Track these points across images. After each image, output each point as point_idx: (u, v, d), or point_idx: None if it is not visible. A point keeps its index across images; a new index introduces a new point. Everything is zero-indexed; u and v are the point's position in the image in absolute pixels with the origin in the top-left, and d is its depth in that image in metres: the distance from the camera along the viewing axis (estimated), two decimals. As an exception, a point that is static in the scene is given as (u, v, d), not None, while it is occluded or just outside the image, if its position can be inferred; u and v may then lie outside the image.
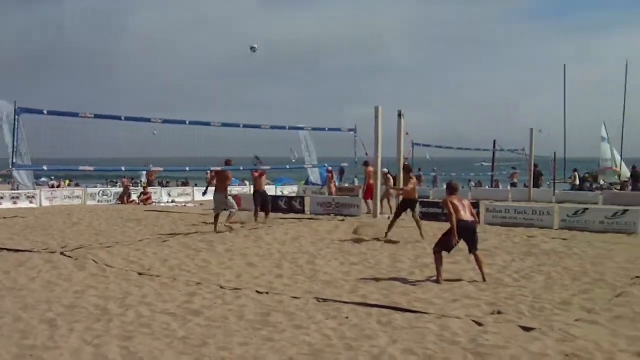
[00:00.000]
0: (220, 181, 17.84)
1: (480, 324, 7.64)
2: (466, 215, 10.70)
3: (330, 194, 28.41)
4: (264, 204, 19.66)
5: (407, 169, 17.59)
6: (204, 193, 19.61)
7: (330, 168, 29.09)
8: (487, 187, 39.81)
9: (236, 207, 18.02)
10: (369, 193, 22.61)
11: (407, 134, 23.33)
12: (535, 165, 34.36)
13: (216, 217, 17.57)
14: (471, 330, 7.43)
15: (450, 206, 10.63)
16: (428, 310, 8.34)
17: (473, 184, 43.77)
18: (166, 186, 40.37)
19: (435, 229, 17.03)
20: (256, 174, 19.75)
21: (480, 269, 10.68)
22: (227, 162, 18.08)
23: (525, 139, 34.54)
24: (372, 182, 22.81)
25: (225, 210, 17.74)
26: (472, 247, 10.71)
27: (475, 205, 20.16)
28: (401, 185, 21.49)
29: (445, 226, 10.98)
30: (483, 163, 46.70)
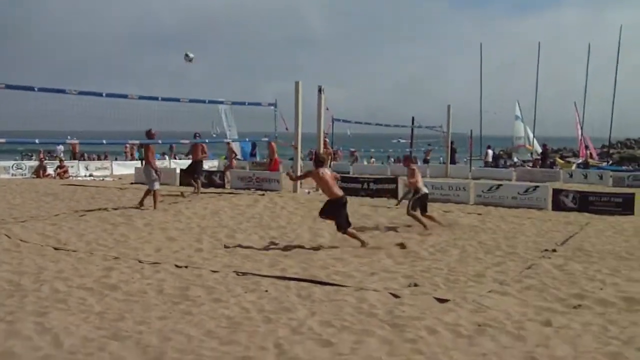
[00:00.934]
0: (147, 154, 17.32)
1: (397, 296, 7.79)
2: (336, 192, 11.38)
3: (230, 168, 27.96)
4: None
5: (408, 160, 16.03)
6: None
7: (229, 141, 28.64)
8: (405, 163, 40.44)
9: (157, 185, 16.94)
10: (275, 167, 24.29)
11: (327, 109, 23.46)
12: (452, 142, 35.09)
13: (154, 195, 16.64)
14: (388, 302, 7.57)
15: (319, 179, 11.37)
16: (346, 283, 8.44)
17: (392, 159, 44.35)
18: (82, 159, 39.33)
19: (356, 204, 17.28)
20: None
21: (356, 237, 11.30)
22: (149, 134, 17.41)
23: (443, 116, 35.21)
24: (276, 157, 25.00)
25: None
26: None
27: (393, 180, 20.54)
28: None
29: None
30: (400, 139, 47.33)
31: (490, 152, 41.61)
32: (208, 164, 33.89)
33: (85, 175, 30.16)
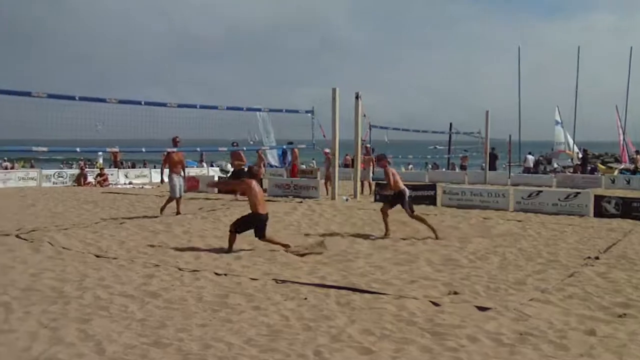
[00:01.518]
0: (172, 164, 17.38)
1: (437, 304, 7.75)
2: (263, 208, 11.51)
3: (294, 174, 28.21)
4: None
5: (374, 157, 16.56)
6: (162, 181, 19.06)
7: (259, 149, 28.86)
8: (443, 170, 40.18)
9: (180, 194, 17.26)
10: (294, 173, 25.29)
11: (365, 115, 23.46)
12: (492, 148, 34.81)
13: (173, 200, 17.13)
14: (428, 310, 7.53)
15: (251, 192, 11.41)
16: (386, 291, 8.42)
17: (430, 166, 44.14)
18: (123, 167, 39.86)
19: (394, 211, 17.23)
20: None
21: (276, 242, 11.55)
22: (174, 141, 17.57)
23: (479, 122, 34.97)
24: (295, 163, 26.15)
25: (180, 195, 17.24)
26: (261, 236, 11.45)
27: (431, 186, 20.43)
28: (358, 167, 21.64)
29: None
30: (437, 146, 47.07)
31: (530, 157, 41.17)
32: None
33: (124, 183, 30.59)
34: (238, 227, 11.54)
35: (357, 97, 21.95)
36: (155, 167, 39.09)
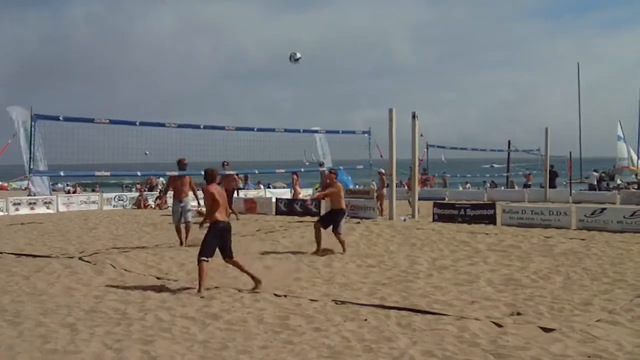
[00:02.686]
0: (176, 187, 15.62)
1: (499, 325, 7.62)
2: (222, 215, 10.21)
3: (296, 196, 28.05)
4: None
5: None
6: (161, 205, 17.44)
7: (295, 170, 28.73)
8: (502, 188, 39.63)
9: (190, 219, 15.61)
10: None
11: (422, 135, 23.37)
12: (551, 166, 34.20)
13: (177, 230, 15.49)
14: (491, 331, 7.41)
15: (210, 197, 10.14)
16: (447, 312, 8.33)
17: (488, 184, 43.59)
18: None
19: (453, 231, 17.07)
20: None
21: (245, 271, 10.10)
22: (180, 163, 15.89)
23: (536, 139, 34.45)
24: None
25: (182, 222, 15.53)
26: (227, 252, 10.18)
27: (490, 205, 20.16)
28: (416, 186, 21.53)
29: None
30: (493, 164, 46.55)
31: (595, 174, 40.25)
32: (303, 193, 34.25)
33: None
34: (207, 247, 10.12)
35: (413, 117, 21.90)
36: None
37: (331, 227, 14.02)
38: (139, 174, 15.11)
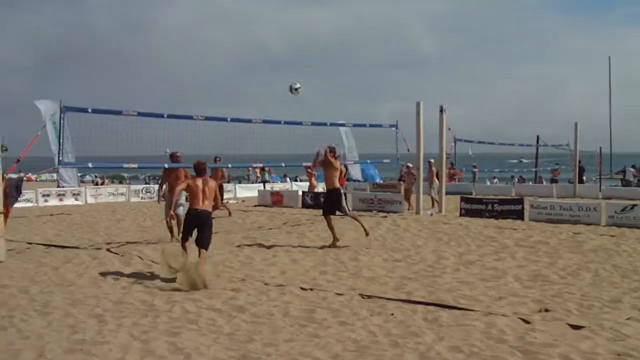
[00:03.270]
0: (169, 182, 15.00)
1: (527, 322, 7.54)
2: (200, 204, 10.32)
3: (312, 188, 27.94)
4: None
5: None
6: (158, 200, 16.56)
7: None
8: (530, 183, 39.29)
9: (181, 213, 14.07)
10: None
11: (449, 129, 23.25)
12: (579, 161, 33.82)
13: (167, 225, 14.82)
14: (518, 327, 7.34)
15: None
16: (474, 308, 8.27)
17: (516, 179, 43.26)
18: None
19: (480, 226, 16.97)
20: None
21: (201, 267, 9.89)
22: (173, 157, 15.49)
23: (565, 134, 34.10)
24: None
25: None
26: (198, 240, 10.30)
27: (518, 201, 19.97)
28: (443, 182, 21.40)
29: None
30: (522, 159, 46.09)
31: (632, 170, 39.56)
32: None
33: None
34: (183, 231, 10.74)
35: (441, 111, 21.80)
36: (240, 183, 39.76)
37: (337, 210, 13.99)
38: (166, 166, 15.16)
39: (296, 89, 17.73)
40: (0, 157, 12.10)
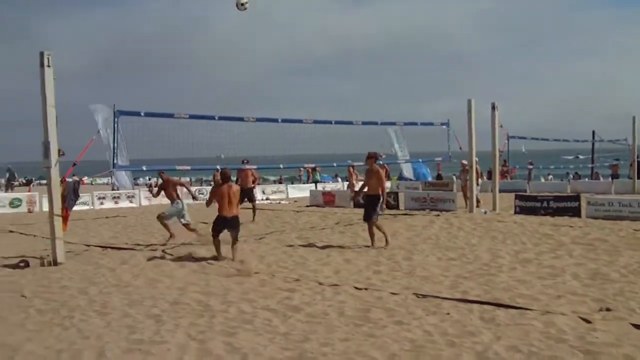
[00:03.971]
0: (166, 192, 15.86)
1: (588, 321, 7.39)
2: (223, 211, 12.37)
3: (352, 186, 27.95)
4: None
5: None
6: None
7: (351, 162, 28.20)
8: (586, 180, 38.53)
9: (188, 219, 15.64)
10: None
11: (501, 126, 22.96)
12: (638, 156, 32.97)
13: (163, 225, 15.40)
14: (578, 327, 7.20)
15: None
16: (531, 307, 8.14)
17: (571, 176, 42.48)
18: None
19: (536, 224, 16.72)
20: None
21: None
22: (160, 175, 16.54)
23: (622, 129, 33.32)
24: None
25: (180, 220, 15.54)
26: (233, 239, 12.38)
27: (575, 197, 19.59)
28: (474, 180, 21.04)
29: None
30: (578, 155, 45.27)
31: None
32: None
33: (261, 199, 31.33)
34: (213, 231, 12.54)
35: (493, 108, 21.57)
36: (292, 183, 39.95)
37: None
38: (218, 167, 15.31)
39: (242, 4, 17.02)
40: (58, 162, 12.35)
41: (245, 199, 19.17)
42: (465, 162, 22.15)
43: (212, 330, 7.40)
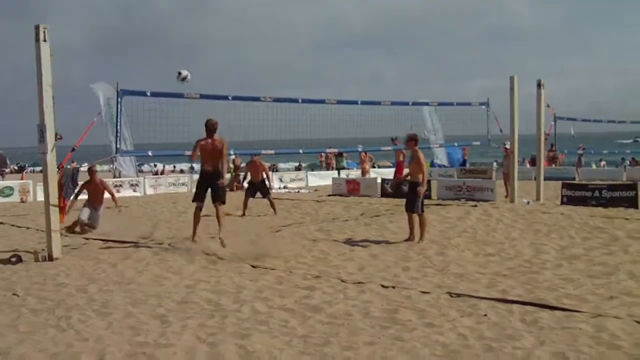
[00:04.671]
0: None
1: (645, 325, 7.35)
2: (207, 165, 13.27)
3: (364, 174, 28.22)
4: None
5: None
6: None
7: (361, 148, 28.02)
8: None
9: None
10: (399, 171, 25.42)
11: (548, 106, 22.76)
12: None
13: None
14: (635, 332, 7.13)
15: None
16: (580, 308, 8.09)
17: (627, 162, 42.08)
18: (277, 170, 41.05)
19: (585, 216, 16.60)
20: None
21: (219, 222, 13.27)
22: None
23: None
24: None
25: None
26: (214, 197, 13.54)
27: (631, 186, 19.40)
28: (542, 163, 20.95)
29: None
30: (637, 138, 44.87)
31: None
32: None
33: (279, 188, 31.35)
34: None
35: (539, 86, 21.41)
36: (312, 170, 39.95)
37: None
38: (231, 152, 15.32)
39: (183, 79, 16.80)
40: (55, 147, 12.41)
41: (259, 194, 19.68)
42: (508, 146, 22.00)
43: (223, 332, 7.43)
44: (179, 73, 16.26)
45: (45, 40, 11.96)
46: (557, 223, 15.56)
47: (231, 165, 32.80)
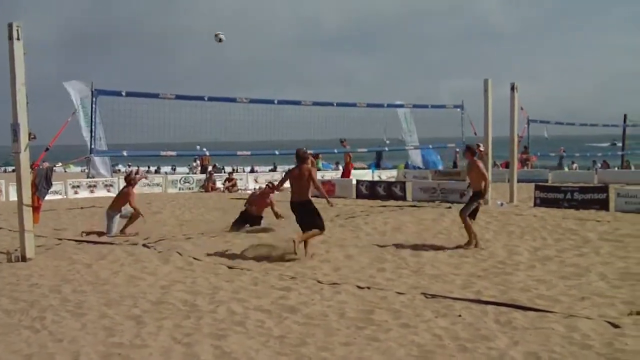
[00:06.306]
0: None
1: (616, 326, 7.42)
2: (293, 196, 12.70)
3: (348, 175, 28.51)
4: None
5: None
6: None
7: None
8: (615, 169, 38.53)
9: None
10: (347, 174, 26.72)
11: (522, 109, 22.93)
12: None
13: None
14: (605, 332, 7.23)
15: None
16: (553, 309, 8.17)
17: (599, 164, 42.48)
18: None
19: (558, 218, 16.75)
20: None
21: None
22: (128, 179, 17.64)
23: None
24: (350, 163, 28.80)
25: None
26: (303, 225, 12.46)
27: (602, 189, 19.59)
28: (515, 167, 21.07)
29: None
30: (615, 142, 45.27)
31: None
32: (386, 174, 34.18)
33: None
34: None
35: (512, 89, 21.53)
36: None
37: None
38: (207, 153, 15.30)
39: (220, 40, 17.51)
40: (28, 146, 12.31)
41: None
42: (482, 148, 22.13)
43: (199, 333, 7.43)
44: (217, 35, 16.73)
45: (18, 39, 11.86)
46: (530, 225, 15.67)
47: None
